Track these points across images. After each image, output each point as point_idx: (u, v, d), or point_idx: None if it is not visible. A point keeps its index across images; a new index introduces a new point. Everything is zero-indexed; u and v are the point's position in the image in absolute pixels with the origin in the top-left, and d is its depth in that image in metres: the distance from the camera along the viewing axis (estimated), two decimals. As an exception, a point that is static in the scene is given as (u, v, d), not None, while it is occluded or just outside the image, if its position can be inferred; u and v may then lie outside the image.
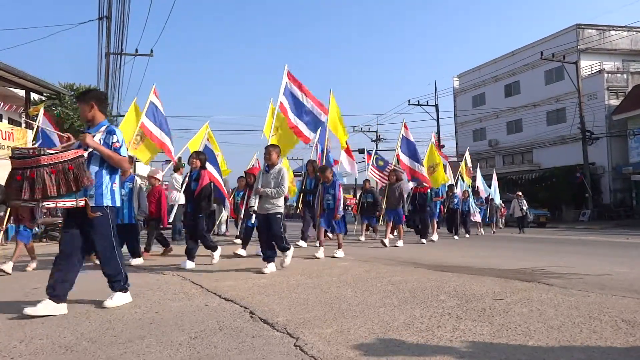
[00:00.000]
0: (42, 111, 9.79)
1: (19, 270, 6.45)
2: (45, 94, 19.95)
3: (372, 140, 45.17)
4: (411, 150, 12.70)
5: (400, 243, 10.24)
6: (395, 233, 11.07)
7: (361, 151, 36.31)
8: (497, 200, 19.26)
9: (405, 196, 12.08)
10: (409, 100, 37.84)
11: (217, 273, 5.83)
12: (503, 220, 21.24)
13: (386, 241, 9.97)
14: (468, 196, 15.50)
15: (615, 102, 29.78)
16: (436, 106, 37.78)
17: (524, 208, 18.07)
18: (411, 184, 13.12)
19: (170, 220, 10.08)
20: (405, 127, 12.99)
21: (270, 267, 5.84)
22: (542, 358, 2.50)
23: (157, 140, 9.77)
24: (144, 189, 7.74)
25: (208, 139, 10.23)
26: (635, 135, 27.79)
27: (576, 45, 30.65)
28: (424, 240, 11.37)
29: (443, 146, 38.58)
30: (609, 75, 30.34)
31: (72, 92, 21.45)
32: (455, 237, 13.68)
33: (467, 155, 18.77)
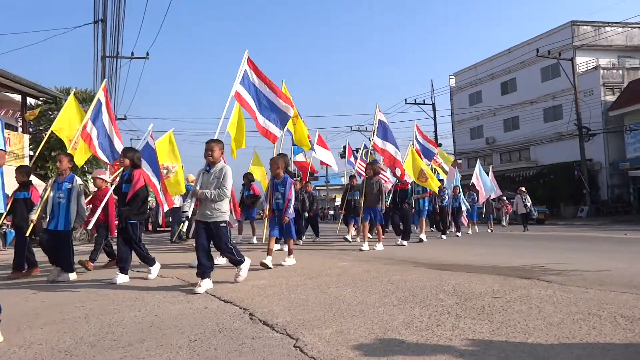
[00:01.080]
0: None
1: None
2: (41, 99, 19.95)
3: (370, 140, 45.20)
4: (388, 136, 11.41)
5: (379, 246, 9.12)
6: (374, 234, 10.27)
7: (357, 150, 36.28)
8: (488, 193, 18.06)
9: (386, 191, 11.28)
10: (405, 100, 37.98)
11: (216, 275, 5.82)
12: (507, 218, 20.31)
13: (365, 245, 9.00)
14: (459, 192, 14.75)
15: (611, 98, 29.90)
16: (433, 105, 37.88)
17: (528, 204, 17.13)
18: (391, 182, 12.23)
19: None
20: (380, 111, 11.65)
21: (205, 284, 4.77)
22: (542, 355, 2.50)
23: (93, 148, 8.34)
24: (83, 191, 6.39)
25: (151, 138, 8.63)
26: (631, 130, 27.90)
27: (571, 42, 30.75)
28: (404, 242, 10.19)
29: (440, 144, 38.70)
30: (605, 71, 30.46)
31: (68, 96, 21.41)
32: (443, 236, 12.81)
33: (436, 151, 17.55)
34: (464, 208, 15.01)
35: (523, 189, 17.79)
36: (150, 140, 8.28)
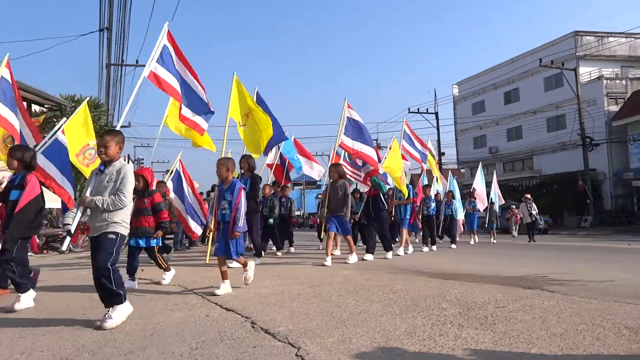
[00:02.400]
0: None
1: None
2: (46, 106, 20.10)
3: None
4: (356, 131, 10.01)
5: (352, 258, 8.01)
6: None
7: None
8: (496, 206, 17.38)
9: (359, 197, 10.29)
10: (409, 108, 38.05)
11: (219, 283, 5.81)
12: (517, 228, 18.91)
13: (328, 260, 7.62)
14: (452, 198, 13.62)
15: (614, 108, 29.92)
16: (436, 114, 37.95)
17: (534, 213, 15.96)
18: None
19: None
20: (350, 107, 10.25)
21: (118, 316, 3.63)
22: (545, 366, 2.48)
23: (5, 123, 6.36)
24: None
25: (63, 134, 6.93)
26: (635, 141, 27.87)
27: (575, 52, 30.82)
28: (388, 255, 8.93)
29: (444, 154, 38.74)
30: (608, 81, 30.50)
31: (73, 104, 21.60)
32: (425, 248, 11.28)
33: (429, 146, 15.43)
34: (459, 216, 14.09)
35: (529, 196, 16.68)
36: (61, 137, 6.67)
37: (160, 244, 6.11)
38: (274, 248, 10.79)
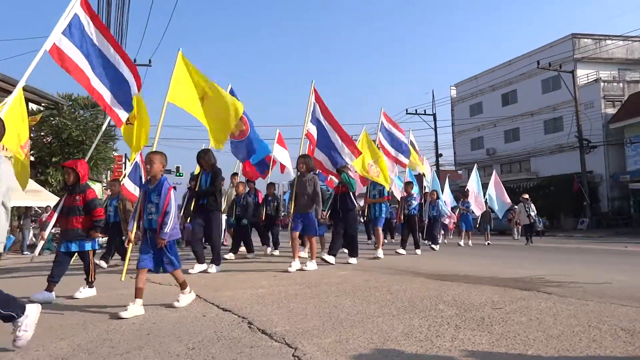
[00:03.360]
0: None
1: (10, 279, 6.41)
2: (43, 104, 20.07)
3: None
4: (322, 135, 8.70)
5: (311, 265, 7.01)
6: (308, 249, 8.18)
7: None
8: (496, 207, 16.94)
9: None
10: (406, 110, 38.06)
11: (216, 283, 5.81)
12: (517, 230, 18.45)
13: (294, 265, 6.87)
14: (437, 198, 12.98)
15: (611, 110, 30.02)
16: (434, 115, 37.97)
17: (532, 214, 15.24)
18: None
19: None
20: (317, 96, 8.77)
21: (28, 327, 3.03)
22: (542, 367, 2.49)
23: None
24: None
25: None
26: (632, 143, 27.96)
27: (572, 55, 30.91)
28: (352, 260, 8.06)
29: (441, 154, 38.80)
30: (605, 84, 30.60)
31: (70, 102, 21.55)
32: (417, 251, 10.52)
33: (412, 138, 15.12)
34: (443, 214, 13.46)
35: (526, 196, 15.81)
36: None
37: (97, 247, 5.29)
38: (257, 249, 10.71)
